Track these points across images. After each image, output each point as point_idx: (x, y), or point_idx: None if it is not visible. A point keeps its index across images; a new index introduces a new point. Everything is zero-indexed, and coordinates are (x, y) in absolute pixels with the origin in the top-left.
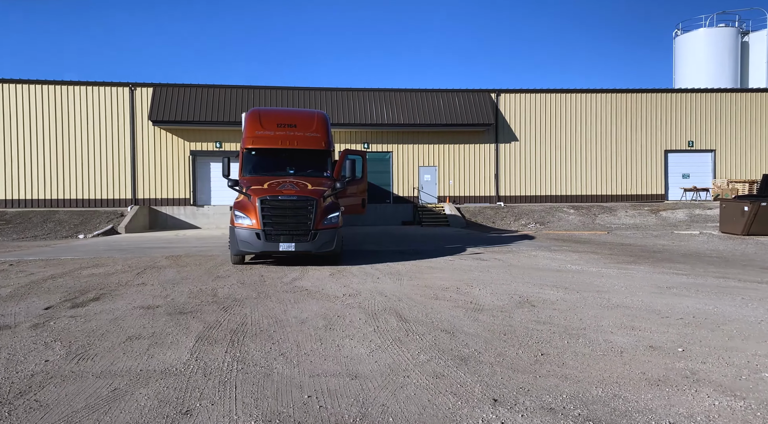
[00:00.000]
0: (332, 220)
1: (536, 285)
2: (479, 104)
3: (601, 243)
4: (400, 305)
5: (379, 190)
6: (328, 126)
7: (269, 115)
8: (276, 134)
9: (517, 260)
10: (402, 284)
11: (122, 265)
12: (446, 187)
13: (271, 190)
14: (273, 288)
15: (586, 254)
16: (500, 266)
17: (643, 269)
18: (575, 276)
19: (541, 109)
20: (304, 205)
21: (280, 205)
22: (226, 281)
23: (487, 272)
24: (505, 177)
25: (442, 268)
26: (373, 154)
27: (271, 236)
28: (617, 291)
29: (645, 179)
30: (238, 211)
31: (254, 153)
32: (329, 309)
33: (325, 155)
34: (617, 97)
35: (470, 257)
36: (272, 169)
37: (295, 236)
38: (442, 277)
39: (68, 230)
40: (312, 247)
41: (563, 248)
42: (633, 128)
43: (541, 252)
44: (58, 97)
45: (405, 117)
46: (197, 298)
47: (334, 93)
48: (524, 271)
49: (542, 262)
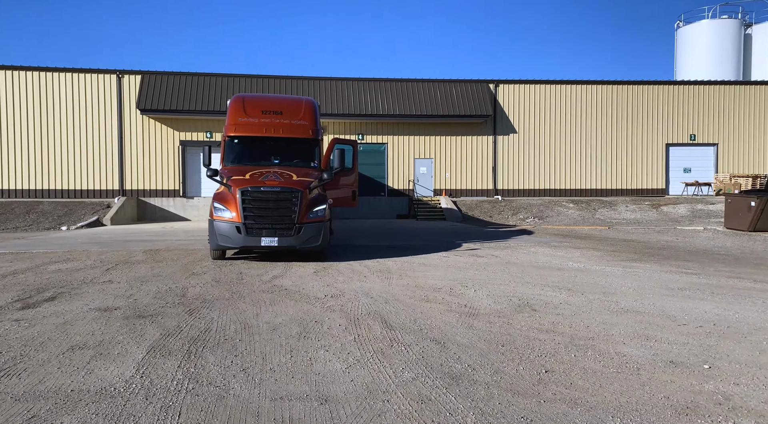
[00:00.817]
0: (318, 213)
1: (537, 285)
2: (477, 95)
3: (603, 239)
4: (386, 308)
5: (373, 183)
6: (317, 114)
7: (254, 101)
8: (260, 121)
9: (516, 257)
10: (391, 283)
11: (94, 259)
12: (443, 180)
13: (253, 181)
14: (249, 287)
15: (587, 251)
16: (497, 263)
17: (649, 267)
18: (578, 275)
19: (540, 101)
20: (288, 197)
21: (262, 197)
22: (200, 279)
23: (484, 271)
24: (503, 170)
25: (435, 265)
26: (367, 146)
27: (252, 230)
28: (625, 293)
29: (646, 173)
30: (217, 203)
31: (237, 141)
32: (307, 313)
33: (313, 144)
34: (618, 89)
35: (466, 253)
36: (256, 158)
37: (278, 230)
38: (435, 276)
39: (51, 222)
40: (296, 242)
41: (563, 244)
42: (634, 121)
43: (541, 248)
44: (43, 84)
45: (400, 107)
46: (163, 298)
47: (328, 82)
48: (523, 269)
49: (542, 259)
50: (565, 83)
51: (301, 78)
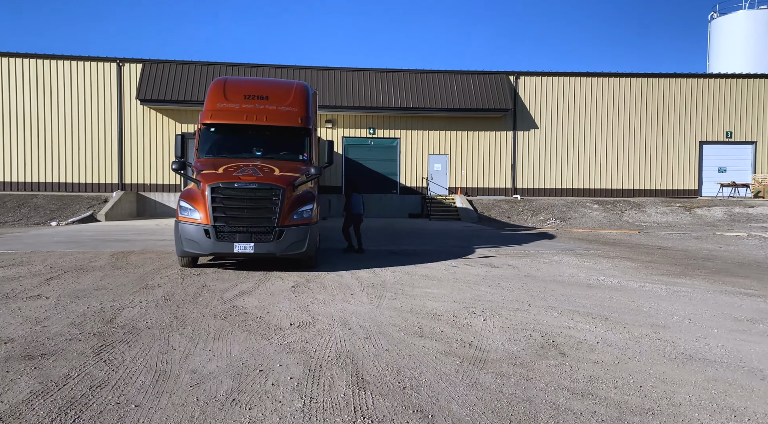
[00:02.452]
0: (303, 214)
1: (564, 312)
2: (496, 88)
3: (634, 246)
4: (364, 348)
5: (384, 180)
6: (309, 100)
7: (236, 84)
8: (242, 107)
9: (536, 268)
10: (381, 305)
11: (46, 265)
12: (458, 178)
13: (226, 176)
14: (202, 309)
15: (620, 261)
16: (515, 276)
17: (697, 285)
18: (613, 296)
19: (563, 95)
20: (267, 195)
21: (235, 195)
22: (148, 295)
23: (498, 287)
24: (523, 168)
25: (440, 278)
26: (379, 141)
27: (223, 234)
28: (679, 325)
29: (677, 173)
30: (183, 201)
31: (213, 130)
32: (256, 354)
33: (303, 134)
34: (648, 83)
35: (478, 261)
36: (236, 150)
37: (255, 234)
38: (438, 294)
39: (42, 217)
40: (276, 248)
41: (591, 251)
42: (664, 117)
43: (565, 257)
44: (39, 72)
45: (414, 100)
46: (81, 326)
47: (337, 72)
48: (545, 286)
49: (567, 271)
50: (591, 76)
51: (310, 68)
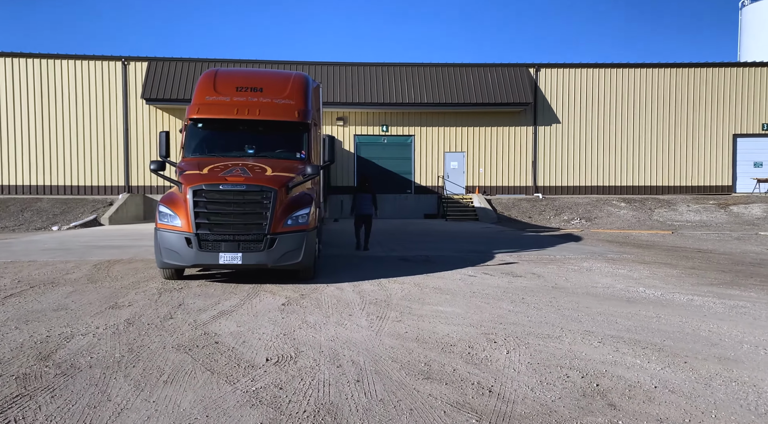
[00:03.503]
0: (299, 219)
1: (605, 339)
2: (515, 81)
3: (671, 249)
4: (353, 397)
5: (398, 179)
6: (309, 92)
7: (228, 76)
8: (233, 100)
9: (565, 278)
10: (381, 330)
11: (15, 278)
12: (476, 176)
13: (211, 177)
14: (166, 338)
15: (658, 268)
16: (541, 288)
17: (756, 297)
18: (661, 314)
19: (587, 87)
20: (257, 198)
21: (221, 199)
22: (110, 318)
23: (522, 304)
24: (545, 164)
25: (454, 291)
26: (392, 139)
27: (207, 243)
28: (755, 359)
29: (709, 168)
30: (163, 206)
31: (201, 126)
32: (211, 408)
33: (301, 130)
34: (676, 73)
35: (498, 270)
36: (226, 148)
37: (243, 242)
38: (451, 315)
39: (45, 221)
40: (267, 258)
41: (624, 255)
42: (695, 109)
43: (596, 263)
44: (43, 72)
45: (429, 95)
46: (7, 364)
47: (348, 68)
48: (578, 301)
49: (601, 281)
50: (615, 67)
51: (320, 64)
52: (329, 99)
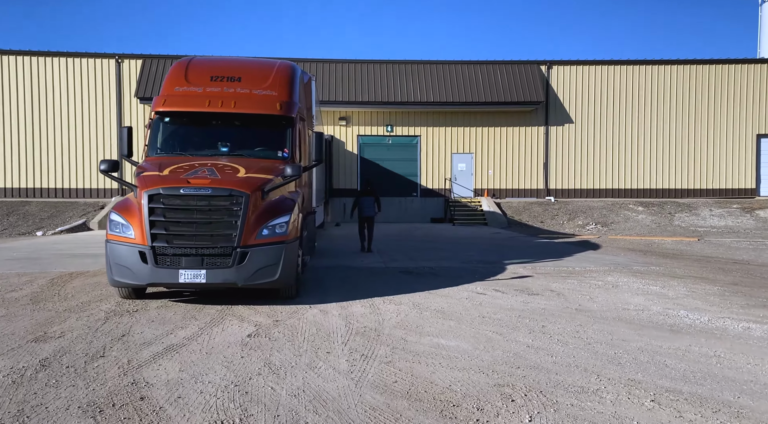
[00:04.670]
0: (276, 229)
1: (659, 394)
2: (526, 79)
3: (702, 259)
4: None
5: (403, 182)
6: (295, 83)
7: (202, 64)
8: (206, 91)
9: (589, 296)
10: (364, 377)
11: None
12: (484, 178)
13: (171, 179)
14: (79, 389)
15: (694, 283)
16: (563, 311)
17: None
18: (719, 351)
19: (601, 85)
20: (225, 203)
21: (182, 205)
22: (23, 357)
23: (542, 336)
24: (557, 166)
25: (460, 316)
26: (397, 139)
27: (165, 258)
28: None
29: (731, 170)
30: (115, 214)
31: (168, 120)
32: None
33: (284, 125)
34: (696, 70)
35: (511, 285)
36: (196, 146)
37: (208, 257)
38: (455, 351)
39: (30, 226)
40: (237, 276)
41: (651, 267)
42: (716, 108)
43: (622, 276)
44: (33, 70)
45: (436, 94)
46: None
47: (351, 65)
48: (611, 331)
49: (632, 301)
50: (630, 64)
51: (320, 61)
52: (331, 98)
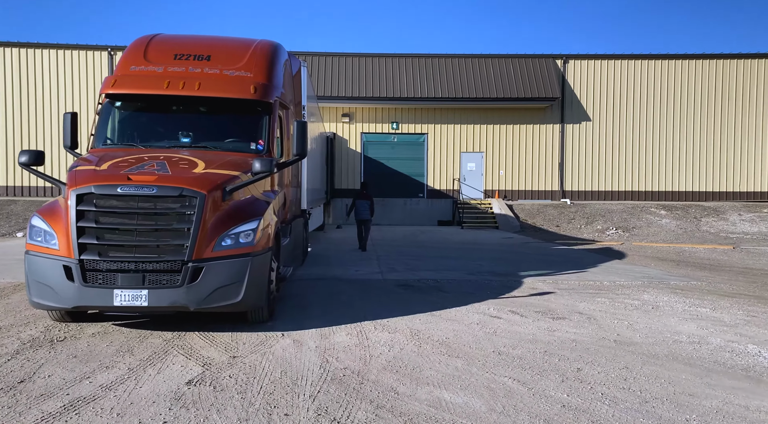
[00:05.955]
0: (240, 238)
1: None
2: (540, 73)
3: (746, 271)
4: None
5: (409, 182)
6: (277, 65)
7: (167, 41)
8: (167, 71)
9: (627, 321)
10: None
11: None
12: (495, 179)
13: (108, 176)
14: None
15: (750, 303)
16: (599, 347)
17: None
18: None
19: (620, 80)
20: (174, 206)
21: (119, 208)
22: None
23: (579, 387)
24: (573, 167)
25: (469, 353)
26: (403, 137)
27: (96, 275)
28: None
29: (760, 171)
30: (38, 219)
31: (120, 106)
32: None
33: (260, 111)
34: (723, 65)
35: (530, 305)
36: (153, 136)
37: (152, 273)
38: (463, 413)
39: (13, 226)
40: (188, 298)
41: (691, 281)
42: (744, 105)
43: (661, 294)
44: (22, 62)
45: (445, 90)
46: None
47: (354, 59)
48: (668, 377)
49: (683, 330)
50: (654, 58)
51: (322, 54)
52: (333, 93)
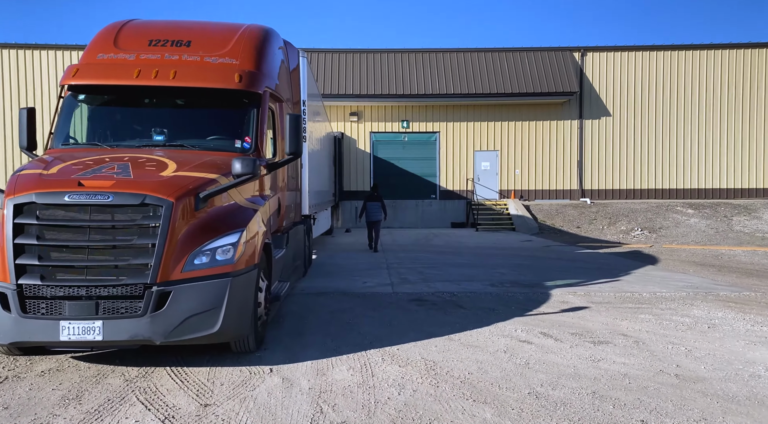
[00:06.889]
0: (217, 255)
1: None
2: (557, 67)
3: None
4: None
5: (421, 183)
6: (268, 51)
7: (141, 26)
8: (138, 59)
9: (684, 348)
10: None
11: None
12: (511, 179)
13: (55, 182)
14: None
15: None
16: (657, 382)
17: None
18: None
19: (642, 73)
20: (134, 217)
21: (67, 219)
22: None
23: None
24: (592, 165)
25: (498, 396)
26: (414, 136)
27: (38, 304)
28: None
29: None
30: None
31: (83, 99)
32: None
33: (246, 104)
34: (751, 55)
35: (564, 326)
36: (121, 135)
37: (107, 300)
38: None
39: None
40: (153, 330)
41: (742, 292)
42: None
43: (713, 309)
44: (21, 63)
45: (457, 86)
46: None
47: (362, 55)
48: None
49: (755, 358)
50: (676, 49)
51: (329, 50)
52: (340, 91)
